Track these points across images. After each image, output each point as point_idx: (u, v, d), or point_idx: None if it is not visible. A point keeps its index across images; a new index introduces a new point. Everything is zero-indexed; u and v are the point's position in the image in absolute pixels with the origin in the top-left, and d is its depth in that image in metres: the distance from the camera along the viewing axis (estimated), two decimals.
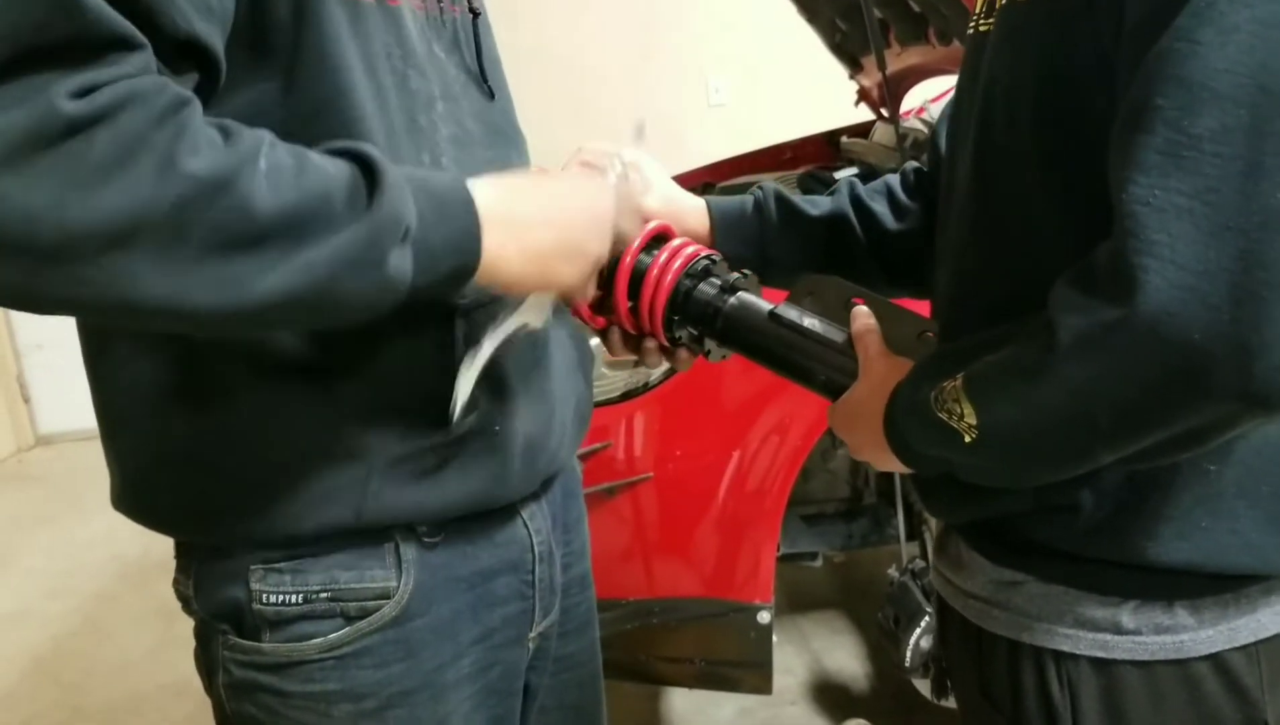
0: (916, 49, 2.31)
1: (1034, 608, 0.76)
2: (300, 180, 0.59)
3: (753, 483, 1.72)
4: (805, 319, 0.88)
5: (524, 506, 0.88)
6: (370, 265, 0.61)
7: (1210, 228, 0.54)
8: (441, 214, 0.66)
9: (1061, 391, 0.61)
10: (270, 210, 0.57)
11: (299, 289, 0.58)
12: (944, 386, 0.68)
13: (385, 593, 0.78)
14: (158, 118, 0.54)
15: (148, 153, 0.53)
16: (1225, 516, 0.70)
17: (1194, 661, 0.73)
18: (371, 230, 0.60)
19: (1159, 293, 0.55)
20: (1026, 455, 0.67)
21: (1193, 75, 0.55)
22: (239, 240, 0.56)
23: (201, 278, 0.55)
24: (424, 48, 0.76)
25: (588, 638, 1.02)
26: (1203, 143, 0.55)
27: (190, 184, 0.54)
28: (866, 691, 2.21)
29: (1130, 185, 0.57)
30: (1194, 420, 0.59)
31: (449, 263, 0.66)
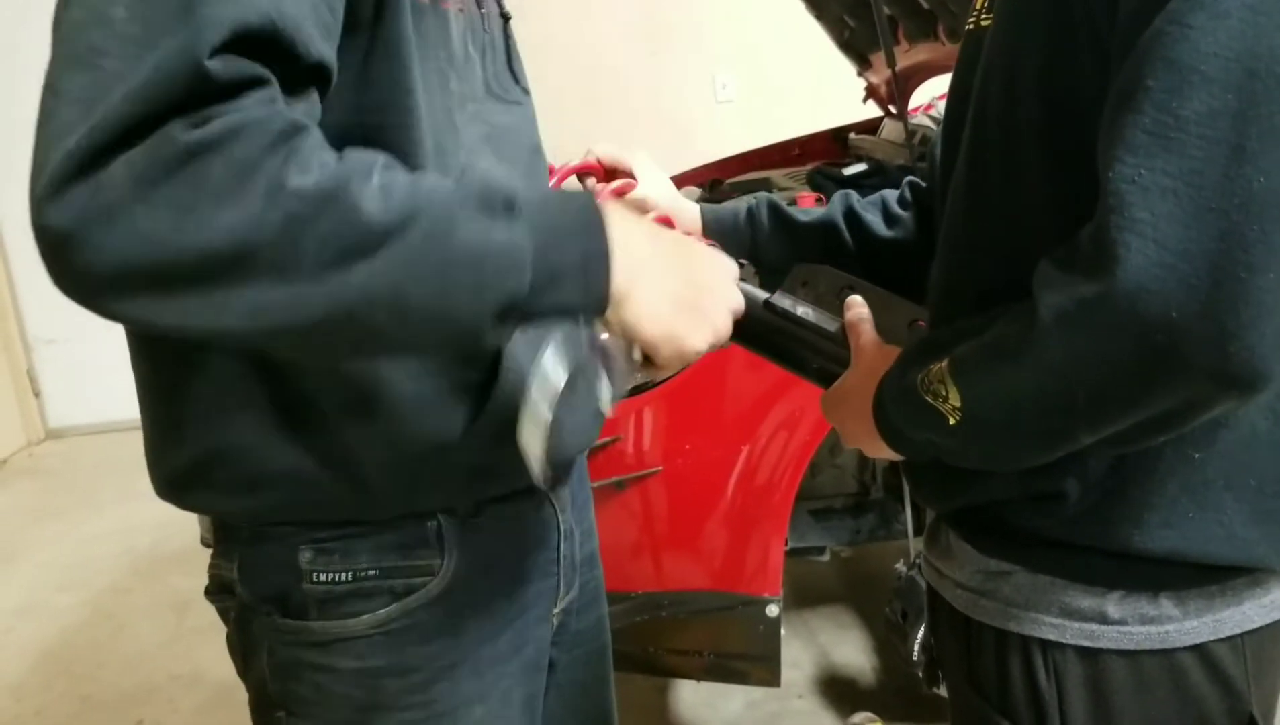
0: (925, 46, 2.31)
1: (1021, 597, 0.77)
2: (414, 187, 0.60)
3: (761, 477, 1.73)
4: (799, 308, 0.89)
5: (552, 488, 0.90)
6: (465, 227, 0.60)
7: (1193, 209, 0.55)
8: (561, 198, 0.67)
9: (1041, 369, 0.63)
10: (381, 214, 0.58)
11: (407, 273, 0.59)
12: (931, 369, 0.70)
13: (430, 569, 0.80)
14: (270, 144, 0.56)
15: (259, 177, 0.55)
16: (1212, 508, 0.71)
17: (1179, 652, 0.73)
18: (460, 196, 0.61)
19: (1139, 270, 0.56)
20: (1007, 436, 0.68)
21: (1182, 58, 0.56)
22: (353, 248, 0.57)
23: (321, 290, 0.57)
24: (463, 48, 0.78)
25: (597, 613, 1.05)
26: (1190, 125, 0.56)
27: (297, 201, 0.56)
28: (873, 685, 2.22)
29: (1117, 164, 0.58)
30: (1169, 400, 0.60)
31: (577, 243, 0.65)
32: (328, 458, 0.75)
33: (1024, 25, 0.70)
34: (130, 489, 2.79)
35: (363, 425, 0.75)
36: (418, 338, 0.64)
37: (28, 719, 2.40)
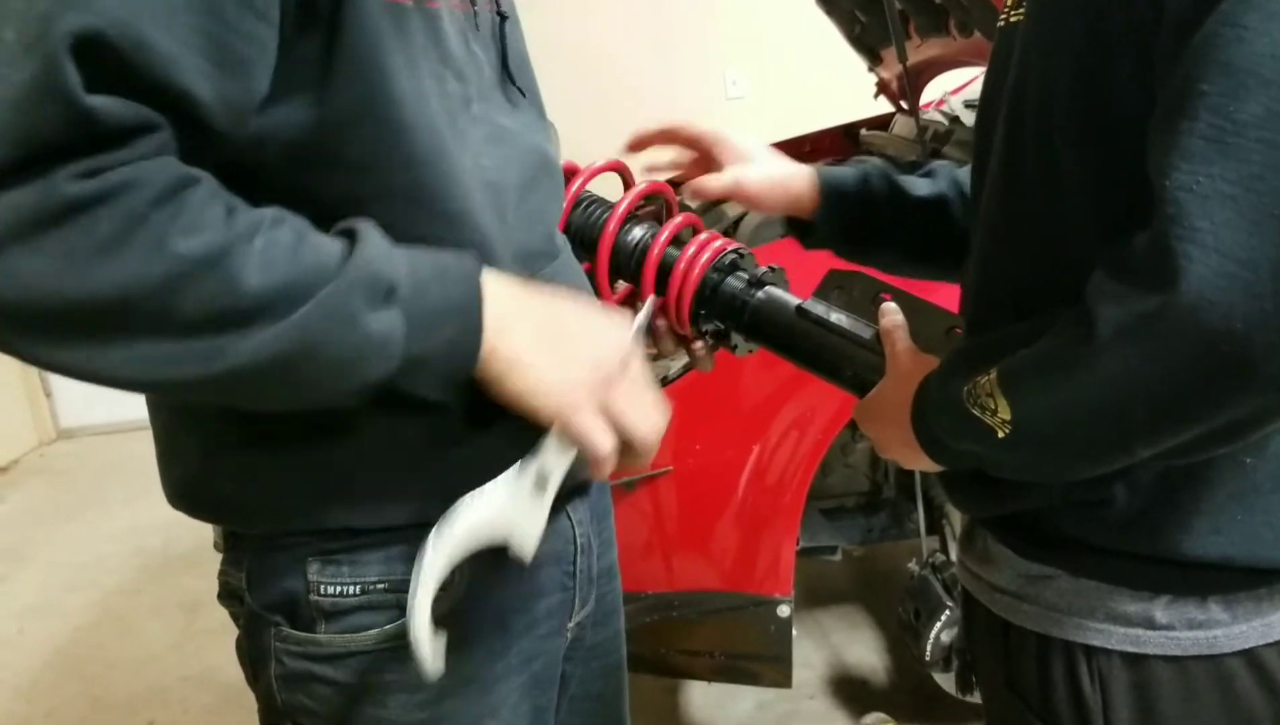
0: (936, 41, 2.30)
1: (1064, 602, 0.76)
2: (295, 256, 0.62)
3: (772, 477, 1.72)
4: (832, 314, 0.88)
5: (568, 499, 0.88)
6: (346, 322, 0.62)
7: (1255, 215, 0.54)
8: (442, 277, 0.68)
9: (1099, 384, 0.61)
10: (259, 286, 0.60)
11: (281, 355, 0.61)
12: (977, 381, 0.68)
13: (441, 585, 0.78)
14: (156, 199, 0.57)
15: (144, 233, 0.56)
16: (1260, 510, 0.70)
17: (1227, 657, 0.72)
18: (345, 287, 0.62)
19: (1201, 281, 0.54)
20: (1062, 450, 0.66)
21: (1238, 60, 0.55)
22: (228, 316, 0.59)
23: (190, 352, 0.59)
24: (461, 49, 0.76)
25: (614, 627, 1.03)
26: (1248, 129, 0.54)
27: (177, 262, 0.57)
28: (886, 685, 2.21)
29: (1173, 171, 0.56)
30: (1234, 411, 0.58)
31: (449, 329, 0.67)
32: (335, 469, 0.74)
33: (1059, 23, 0.69)
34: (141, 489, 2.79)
35: (369, 435, 0.74)
36: (286, 402, 0.67)
37: (38, 720, 2.40)
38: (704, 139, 1.02)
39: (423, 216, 0.71)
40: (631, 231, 0.94)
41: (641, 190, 0.96)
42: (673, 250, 0.93)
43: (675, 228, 0.94)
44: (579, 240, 0.95)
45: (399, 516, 0.76)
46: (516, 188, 0.80)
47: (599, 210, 0.95)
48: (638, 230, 0.94)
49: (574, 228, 0.94)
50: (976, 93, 2.69)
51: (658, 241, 0.92)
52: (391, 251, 0.66)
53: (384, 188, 0.70)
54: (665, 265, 0.92)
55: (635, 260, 0.93)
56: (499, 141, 0.79)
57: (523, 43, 0.88)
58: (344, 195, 0.69)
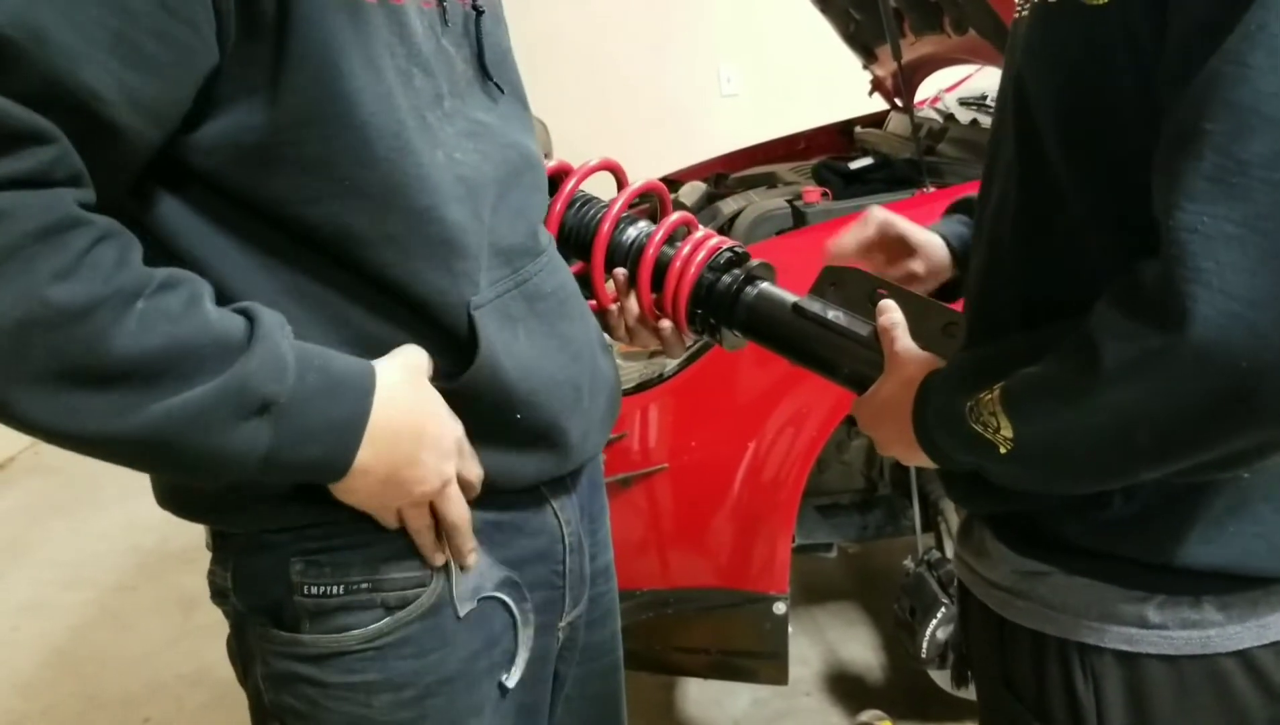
0: (931, 38, 2.30)
1: (1058, 599, 0.76)
2: (176, 328, 0.61)
3: (768, 474, 1.72)
4: (829, 312, 0.88)
5: (554, 496, 0.88)
6: (202, 429, 0.62)
7: (1259, 256, 0.54)
8: (331, 393, 0.68)
9: (1103, 414, 0.61)
10: (126, 353, 0.59)
11: (127, 433, 0.60)
12: (980, 398, 0.68)
13: (422, 582, 0.79)
14: (35, 234, 0.56)
15: (11, 269, 0.55)
16: (1252, 521, 0.70)
17: (1221, 657, 0.72)
18: (213, 393, 0.62)
19: (1207, 322, 0.54)
20: (1064, 469, 0.67)
21: (1242, 99, 0.54)
22: (84, 374, 0.58)
23: (37, 399, 0.58)
24: (430, 44, 0.75)
25: (610, 627, 1.03)
26: (1252, 169, 0.54)
27: (41, 307, 0.56)
28: (882, 683, 2.21)
29: (1177, 211, 0.56)
30: (1237, 445, 0.59)
31: (318, 448, 0.68)
32: None
33: (1061, 38, 0.68)
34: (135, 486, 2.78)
35: None
36: (153, 472, 0.67)
37: (35, 718, 2.39)
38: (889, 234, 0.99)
39: (385, 214, 0.71)
40: (626, 231, 0.94)
41: (636, 189, 0.96)
42: (668, 249, 0.93)
43: (670, 226, 0.94)
44: (573, 240, 0.95)
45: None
46: (495, 183, 0.79)
47: (593, 210, 0.95)
48: (632, 229, 0.94)
49: (568, 227, 0.94)
50: (971, 90, 2.70)
51: (653, 240, 0.93)
52: (282, 356, 0.65)
53: (342, 187, 0.69)
54: (661, 264, 0.93)
55: (631, 259, 0.94)
56: (475, 137, 0.78)
57: (504, 39, 0.87)
58: (302, 196, 0.69)
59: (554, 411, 0.82)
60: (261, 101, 0.66)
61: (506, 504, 0.83)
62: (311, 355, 0.68)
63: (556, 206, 0.94)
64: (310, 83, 0.66)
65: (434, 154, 0.73)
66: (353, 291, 0.73)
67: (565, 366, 0.84)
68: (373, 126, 0.69)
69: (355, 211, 0.70)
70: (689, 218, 0.96)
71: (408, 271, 0.73)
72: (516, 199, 0.82)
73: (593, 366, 0.89)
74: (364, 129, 0.68)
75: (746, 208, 2.13)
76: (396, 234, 0.71)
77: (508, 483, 0.82)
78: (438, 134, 0.74)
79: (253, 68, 0.65)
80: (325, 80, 0.67)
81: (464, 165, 0.76)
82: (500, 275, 0.79)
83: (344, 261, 0.72)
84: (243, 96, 0.66)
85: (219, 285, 0.70)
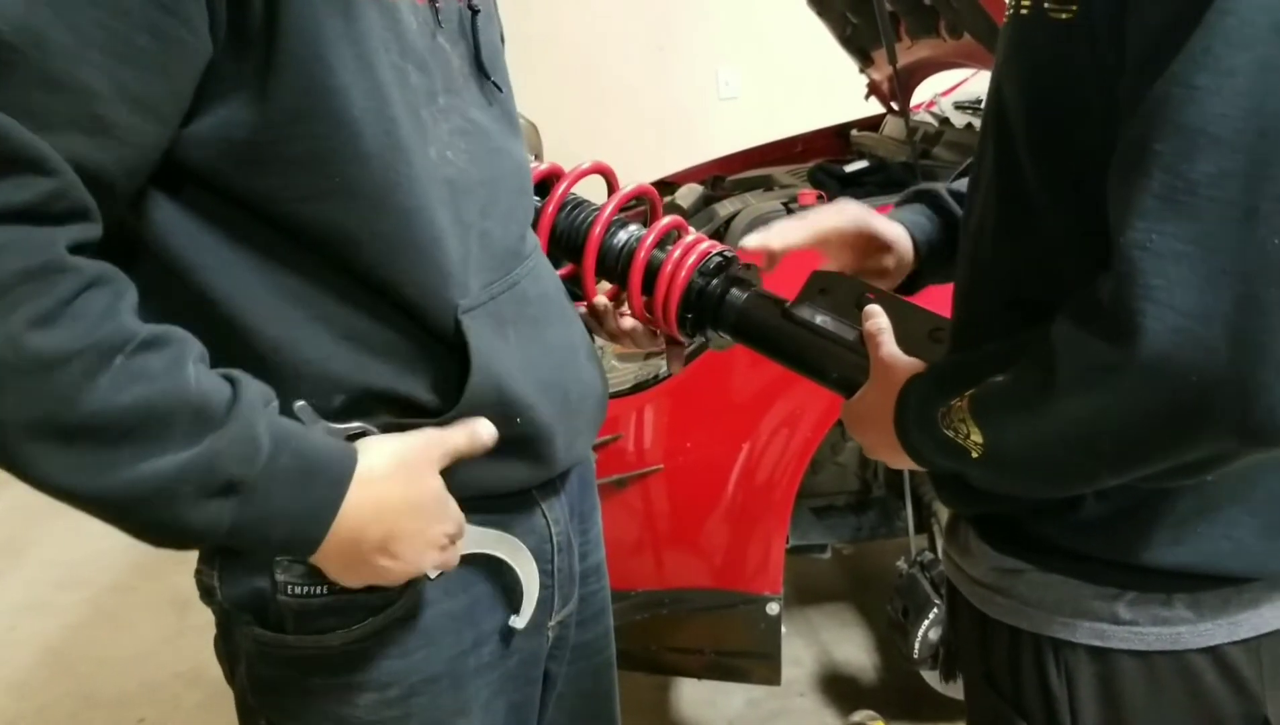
0: (927, 42, 2.31)
1: (1034, 596, 0.77)
2: (150, 390, 0.60)
3: (762, 475, 1.73)
4: (818, 316, 0.88)
5: (543, 497, 0.89)
6: (164, 502, 0.62)
7: (1207, 272, 0.55)
8: (305, 479, 0.67)
9: (1062, 424, 0.63)
10: (95, 409, 0.58)
11: (87, 490, 0.60)
12: (953, 405, 0.70)
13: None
14: (19, 276, 0.56)
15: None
16: (1221, 523, 0.71)
17: (1192, 654, 0.73)
18: (177, 468, 0.61)
19: (1158, 337, 0.55)
20: (1032, 475, 0.69)
21: (1190, 120, 0.55)
22: (51, 425, 0.58)
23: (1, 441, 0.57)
24: (425, 41, 0.75)
25: (602, 625, 1.03)
26: (1200, 187, 0.55)
27: (14, 353, 0.56)
28: (875, 683, 2.22)
29: (1129, 230, 0.57)
30: (1193, 454, 0.60)
31: (284, 529, 0.67)
32: None
33: (1031, 50, 0.69)
34: None
35: None
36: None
37: (30, 717, 2.40)
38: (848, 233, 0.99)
39: (375, 213, 0.71)
40: (617, 234, 0.95)
41: (627, 193, 0.97)
42: (659, 253, 0.94)
43: (661, 230, 0.95)
44: (565, 242, 0.95)
45: None
46: (485, 184, 0.79)
47: (585, 213, 0.96)
48: (623, 233, 0.95)
49: (560, 230, 0.95)
50: (967, 94, 2.71)
51: (644, 244, 0.93)
52: (256, 437, 0.64)
53: (333, 184, 0.69)
54: (652, 268, 0.93)
55: (622, 263, 0.94)
56: (467, 136, 0.78)
57: (497, 38, 0.88)
58: (292, 193, 0.69)
59: (544, 415, 0.82)
60: (251, 97, 0.66)
61: (494, 506, 0.83)
62: (289, 435, 0.67)
63: (548, 209, 0.94)
64: (300, 79, 0.66)
65: (426, 152, 0.73)
66: (343, 291, 0.73)
67: (553, 370, 0.85)
68: (364, 123, 0.69)
69: (345, 210, 0.70)
70: (680, 222, 0.97)
71: (396, 271, 0.73)
72: (506, 202, 0.83)
73: (579, 370, 0.89)
74: (355, 125, 0.68)
75: (743, 210, 2.14)
76: (385, 233, 0.71)
77: (497, 488, 0.82)
78: (431, 131, 0.75)
79: (243, 64, 0.65)
80: (315, 76, 0.66)
81: (452, 166, 0.76)
82: (492, 277, 0.80)
83: (334, 260, 0.72)
84: (233, 92, 0.66)
85: (210, 285, 0.70)
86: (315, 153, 0.68)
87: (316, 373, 0.73)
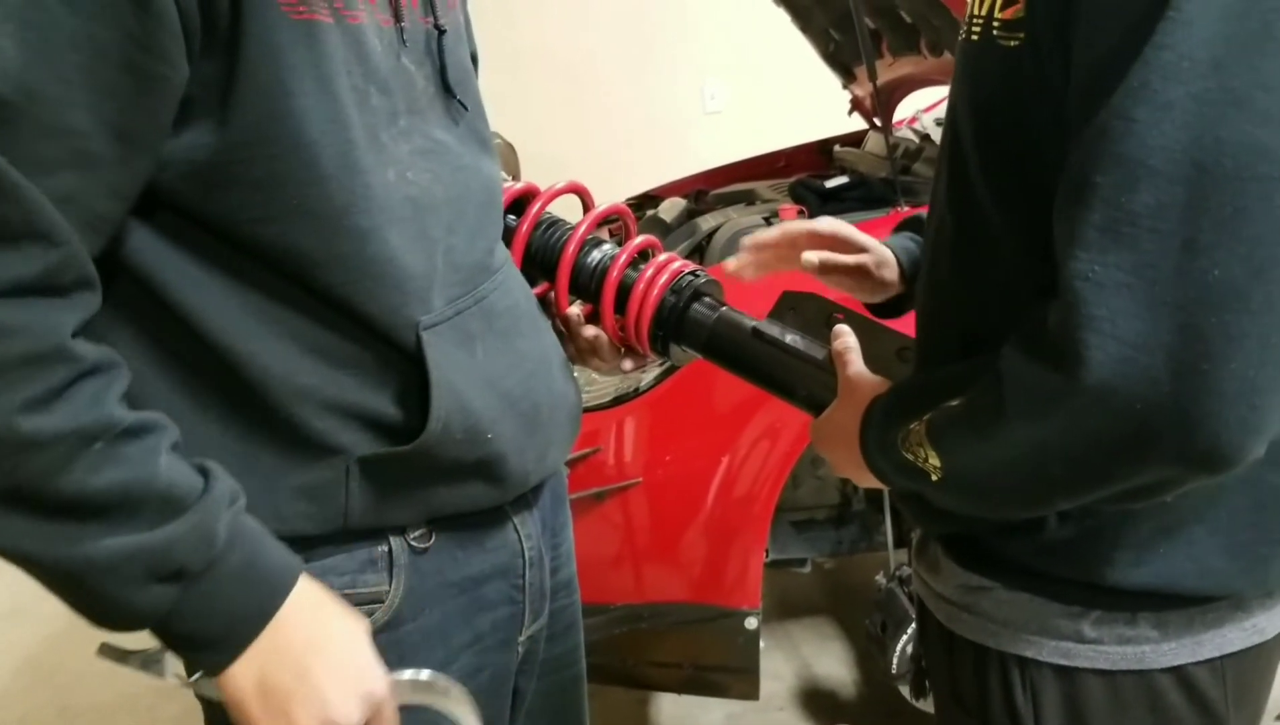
0: (909, 59, 2.33)
1: (1000, 613, 0.77)
2: (124, 476, 0.63)
3: (741, 488, 1.73)
4: (787, 335, 0.89)
5: (515, 512, 0.89)
6: (118, 582, 0.64)
7: (1149, 302, 0.55)
8: (246, 577, 0.68)
9: (1013, 450, 0.64)
10: (70, 490, 0.61)
11: (55, 565, 0.63)
12: (911, 428, 0.71)
13: (377, 597, 0.79)
14: (22, 359, 0.59)
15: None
16: (1183, 542, 0.71)
17: (1156, 673, 0.74)
18: (132, 548, 0.63)
19: (1101, 367, 0.56)
20: (989, 497, 0.70)
21: (1129, 152, 0.56)
22: (27, 499, 0.61)
23: None
24: (389, 62, 0.76)
25: (572, 640, 1.03)
26: (1140, 219, 0.55)
27: (6, 431, 0.59)
28: (854, 698, 2.22)
29: (1071, 261, 0.57)
30: (1140, 479, 0.61)
31: (219, 626, 0.68)
32: (244, 469, 0.74)
33: (983, 75, 0.70)
34: None
35: (296, 445, 0.75)
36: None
37: None
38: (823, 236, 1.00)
39: (333, 234, 0.72)
40: (591, 253, 0.96)
41: (601, 212, 0.98)
42: (631, 272, 0.95)
43: (634, 250, 0.95)
44: (539, 261, 0.96)
45: (323, 519, 0.77)
46: (450, 202, 0.80)
47: (559, 232, 0.96)
48: (597, 252, 0.96)
49: (534, 248, 0.96)
50: None
51: (616, 263, 0.94)
52: (213, 531, 0.66)
53: (291, 206, 0.70)
54: (624, 286, 0.94)
55: (595, 282, 0.95)
56: (430, 155, 0.79)
57: (466, 58, 0.88)
58: (252, 215, 0.70)
59: (512, 429, 0.83)
60: (213, 121, 0.67)
61: (466, 523, 0.84)
62: (247, 536, 0.69)
63: (522, 228, 0.95)
64: (258, 102, 0.67)
65: (384, 173, 0.74)
66: (307, 308, 0.74)
67: (523, 382, 0.85)
68: (321, 146, 0.70)
69: (304, 231, 0.71)
70: (653, 241, 0.98)
71: (356, 290, 0.73)
72: (473, 218, 0.83)
73: (550, 383, 0.89)
74: (312, 148, 0.69)
75: (724, 224, 2.15)
76: (344, 253, 0.72)
77: (467, 508, 0.83)
78: (391, 152, 0.75)
79: (205, 87, 0.66)
80: (273, 99, 0.67)
81: (414, 185, 0.77)
82: (459, 292, 0.80)
83: (296, 279, 0.72)
84: (196, 115, 0.67)
85: (180, 302, 0.71)
86: (273, 175, 0.69)
87: (286, 386, 0.74)
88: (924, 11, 2.06)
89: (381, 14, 0.76)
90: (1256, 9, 0.54)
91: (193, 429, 0.73)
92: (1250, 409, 0.55)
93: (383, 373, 0.77)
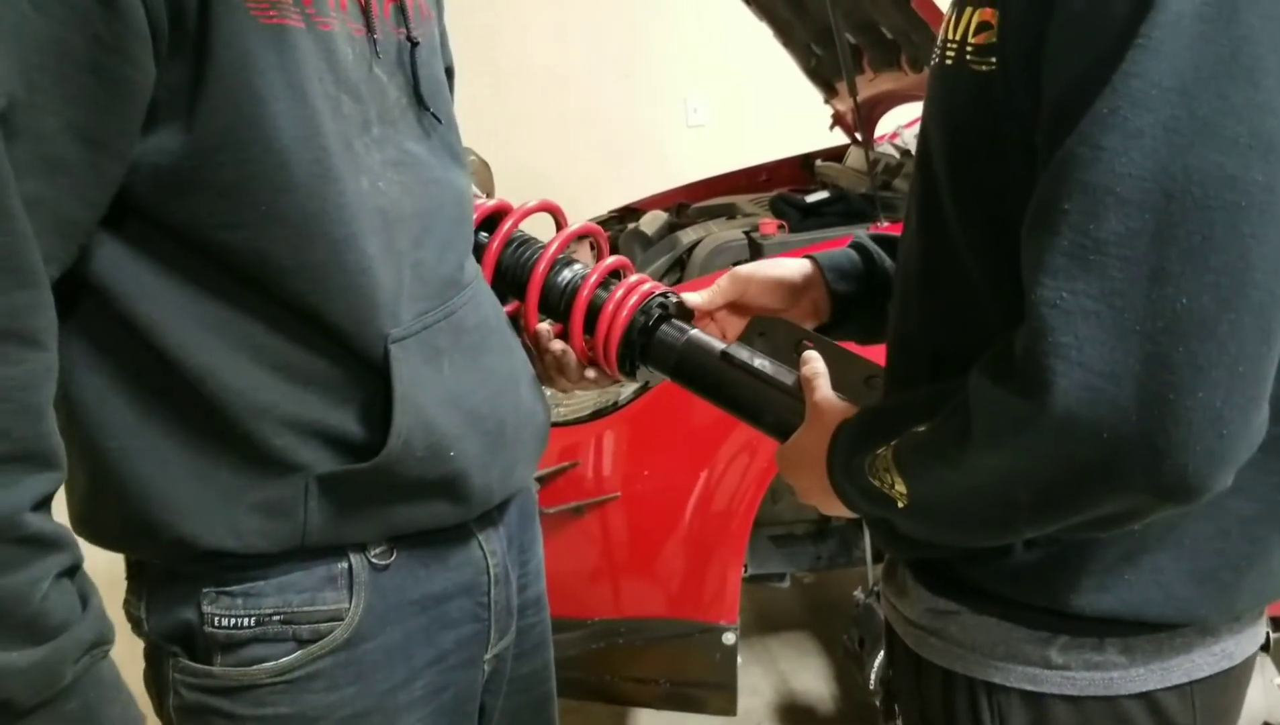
0: (889, 75, 2.34)
1: (967, 638, 0.77)
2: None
3: (719, 503, 1.73)
4: (756, 360, 0.89)
5: (479, 529, 0.88)
6: None
7: (1116, 331, 0.55)
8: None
9: (981, 476, 0.63)
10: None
11: None
12: (877, 454, 0.70)
13: (337, 615, 0.79)
14: None
15: None
16: (1149, 569, 0.71)
17: (1124, 699, 0.73)
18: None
19: (1067, 395, 0.55)
20: (954, 525, 0.70)
21: (1097, 180, 0.56)
22: None
23: None
24: (361, 72, 0.76)
25: (542, 659, 1.02)
26: (1108, 246, 0.55)
27: None
28: (832, 712, 2.22)
29: (1039, 287, 0.57)
30: (1107, 508, 0.61)
31: None
32: (203, 486, 0.74)
33: (954, 98, 0.70)
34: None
35: (258, 459, 0.74)
36: None
37: None
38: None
39: (304, 242, 0.71)
40: (561, 272, 0.95)
41: (573, 231, 0.98)
42: (601, 292, 0.95)
43: (605, 270, 0.95)
44: (509, 280, 0.96)
45: (282, 535, 0.76)
46: (420, 215, 0.80)
47: (530, 250, 0.96)
48: (567, 271, 0.95)
49: (505, 266, 0.95)
50: None
51: (587, 283, 0.94)
52: (61, 671, 0.63)
53: (260, 213, 0.69)
54: (594, 307, 0.94)
55: (565, 301, 0.95)
56: (401, 167, 0.79)
57: (439, 71, 0.88)
58: (220, 221, 0.69)
59: (475, 446, 0.82)
60: (180, 124, 0.67)
61: (429, 540, 0.83)
62: (103, 689, 0.66)
63: (493, 245, 0.95)
64: (228, 106, 0.67)
65: (358, 181, 0.74)
66: (271, 320, 0.73)
67: (490, 398, 0.85)
68: (293, 152, 0.69)
69: (274, 238, 0.70)
70: (624, 261, 0.98)
71: (325, 300, 0.73)
72: (443, 231, 0.83)
73: (518, 401, 0.89)
74: (284, 154, 0.69)
75: (705, 238, 2.16)
76: (313, 262, 0.72)
77: (430, 525, 0.82)
78: (364, 161, 0.75)
79: (172, 91, 0.66)
80: (244, 105, 0.67)
81: (384, 196, 0.76)
82: (427, 307, 0.80)
83: (262, 289, 0.72)
84: (163, 118, 0.66)
85: (136, 313, 0.70)
86: (243, 180, 0.68)
87: (245, 403, 0.73)
88: (905, 28, 2.07)
89: (353, 23, 0.76)
90: (1225, 37, 0.54)
91: (149, 444, 0.73)
92: (1218, 438, 0.55)
93: (346, 388, 0.76)
